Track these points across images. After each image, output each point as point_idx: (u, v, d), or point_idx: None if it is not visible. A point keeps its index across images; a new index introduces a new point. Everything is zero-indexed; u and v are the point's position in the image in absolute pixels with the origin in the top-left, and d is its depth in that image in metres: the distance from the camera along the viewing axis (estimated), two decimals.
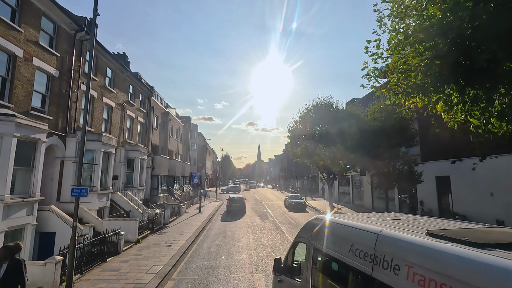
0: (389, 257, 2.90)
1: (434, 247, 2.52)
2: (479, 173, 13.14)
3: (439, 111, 7.13)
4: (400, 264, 2.74)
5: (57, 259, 7.40)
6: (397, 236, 2.99)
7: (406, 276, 2.64)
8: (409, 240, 2.82)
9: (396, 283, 2.73)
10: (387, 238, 3.08)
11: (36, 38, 10.92)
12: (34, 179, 9.89)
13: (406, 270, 2.65)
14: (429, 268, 2.42)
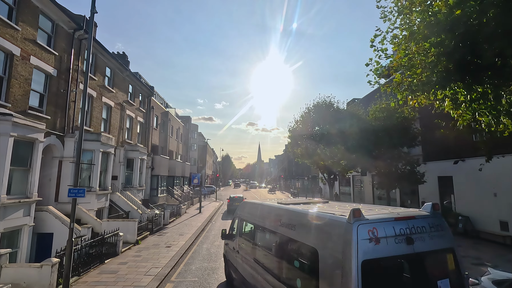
0: (266, 216, 5.98)
1: (278, 206, 5.77)
2: (482, 173, 12.93)
3: (446, 109, 6.98)
4: (272, 217, 5.63)
5: (53, 261, 7.24)
6: (267, 203, 6.38)
7: (276, 221, 5.36)
8: (268, 203, 6.31)
9: (268, 226, 5.68)
10: (266, 205, 6.34)
11: (33, 37, 10.78)
12: (31, 179, 9.75)
13: (275, 218, 5.42)
14: (282, 214, 5.25)
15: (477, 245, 12.27)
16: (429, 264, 3.68)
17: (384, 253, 3.34)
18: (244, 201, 8.13)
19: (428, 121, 16.68)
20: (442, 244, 3.80)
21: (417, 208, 4.90)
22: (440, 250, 3.77)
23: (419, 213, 4.06)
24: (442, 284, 3.53)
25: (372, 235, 3.36)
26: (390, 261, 3.36)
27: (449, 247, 3.88)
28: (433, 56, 5.24)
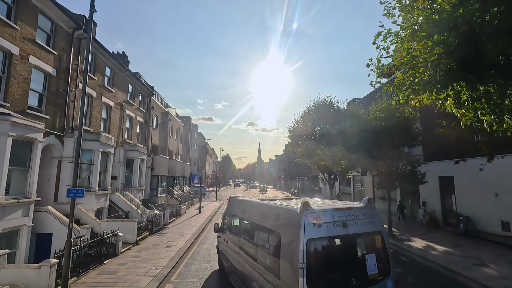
0: (248, 210, 7.13)
1: (260, 202, 6.67)
2: (483, 173, 12.89)
3: (448, 109, 6.92)
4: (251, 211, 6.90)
5: (52, 262, 7.18)
6: (255, 201, 7.10)
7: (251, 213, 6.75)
8: (256, 201, 7.02)
9: (249, 218, 6.81)
10: (249, 201, 7.56)
11: (32, 36, 10.72)
12: (30, 179, 9.70)
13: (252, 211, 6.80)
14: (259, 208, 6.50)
15: (478, 246, 12.21)
16: (360, 242, 4.89)
17: (324, 233, 4.54)
18: (233, 198, 9.01)
19: (429, 121, 16.62)
20: (372, 228, 4.97)
21: (417, 208, 5.98)
22: (370, 232, 4.94)
23: (356, 205, 5.28)
24: (369, 257, 4.76)
25: (316, 221, 4.55)
26: (328, 239, 4.62)
27: (378, 230, 5.03)
28: (436, 54, 5.18)
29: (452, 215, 15.47)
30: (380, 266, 4.76)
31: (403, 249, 12.14)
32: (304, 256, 4.28)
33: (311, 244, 4.40)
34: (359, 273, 4.58)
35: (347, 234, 4.66)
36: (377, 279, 4.64)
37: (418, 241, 13.15)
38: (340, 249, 4.72)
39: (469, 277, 8.70)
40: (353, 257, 4.75)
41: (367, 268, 4.63)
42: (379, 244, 4.97)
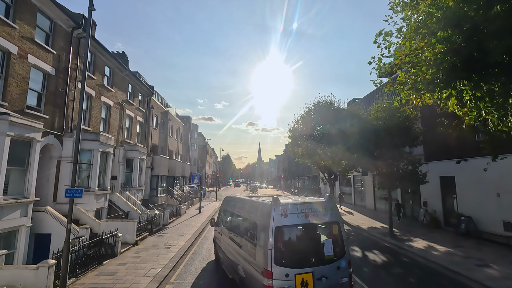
0: (236, 205, 8.16)
1: (245, 198, 8.14)
2: (485, 173, 12.80)
3: (450, 109, 6.84)
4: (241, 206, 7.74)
5: (50, 262, 7.11)
6: (243, 197, 8.37)
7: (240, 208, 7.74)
8: (243, 198, 8.32)
9: (237, 212, 7.83)
10: (238, 198, 8.70)
11: (31, 35, 10.65)
12: (28, 179, 9.62)
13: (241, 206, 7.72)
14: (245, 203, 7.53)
15: (480, 246, 12.13)
16: (319, 230, 6.10)
17: (289, 222, 5.64)
18: (227, 196, 10.08)
19: (430, 121, 16.54)
20: (330, 219, 6.04)
21: (418, 209, 8.02)
22: (328, 222, 6.05)
23: (317, 200, 6.42)
24: (326, 242, 5.80)
25: (282, 212, 5.61)
26: (293, 226, 5.73)
27: (335, 221, 6.09)
28: (439, 52, 5.10)
29: (453, 215, 15.39)
30: (336, 250, 5.83)
31: (404, 249, 12.07)
32: (273, 240, 5.39)
33: (279, 230, 5.52)
34: (317, 254, 5.66)
35: (308, 223, 5.80)
36: (333, 259, 5.71)
37: (419, 241, 13.07)
38: (302, 234, 5.84)
39: (471, 278, 8.62)
40: (312, 241, 5.85)
41: (324, 250, 5.72)
42: (336, 232, 6.07)
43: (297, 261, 5.47)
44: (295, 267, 5.37)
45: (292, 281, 5.27)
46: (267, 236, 5.44)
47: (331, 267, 5.63)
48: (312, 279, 5.39)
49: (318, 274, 5.47)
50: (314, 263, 5.52)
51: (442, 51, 5.02)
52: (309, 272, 5.42)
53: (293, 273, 5.31)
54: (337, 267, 5.69)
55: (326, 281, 5.48)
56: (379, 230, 16.05)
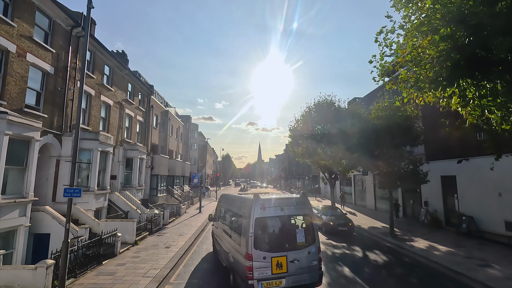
0: (228, 202, 9.50)
1: (236, 195, 9.38)
2: (486, 173, 12.74)
3: (453, 107, 6.76)
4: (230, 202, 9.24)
5: (48, 263, 7.04)
6: (233, 194, 9.91)
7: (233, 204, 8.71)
8: (233, 195, 9.83)
9: (229, 207, 8.96)
10: (230, 195, 10.11)
11: (30, 34, 10.57)
12: (27, 179, 9.55)
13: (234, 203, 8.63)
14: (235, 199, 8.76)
15: (482, 246, 12.06)
16: (293, 221, 7.38)
17: (267, 214, 6.78)
18: (222, 193, 11.25)
19: (431, 120, 16.47)
20: (303, 212, 7.26)
21: (419, 208, 9.70)
22: (301, 214, 7.28)
23: (292, 195, 7.79)
24: (298, 231, 7.00)
25: (262, 206, 6.75)
26: (270, 218, 6.84)
27: (307, 213, 7.31)
28: (443, 50, 5.02)
29: (455, 215, 15.32)
30: (308, 237, 6.96)
31: (405, 249, 12.00)
32: (253, 229, 6.53)
33: (258, 221, 6.64)
34: (291, 240, 6.80)
35: (283, 215, 6.96)
36: (304, 245, 6.84)
37: (421, 241, 13.00)
38: (278, 224, 6.96)
39: (473, 278, 8.56)
40: (287, 230, 6.98)
41: (297, 238, 6.86)
42: (307, 223, 7.29)
43: (274, 246, 6.64)
44: (271, 251, 6.53)
45: (269, 263, 6.44)
46: (248, 225, 6.57)
47: (302, 252, 6.75)
48: (285, 261, 6.55)
49: (291, 257, 6.60)
50: (288, 248, 6.66)
51: (446, 48, 4.94)
52: (283, 255, 6.57)
53: (269, 256, 6.48)
54: (308, 252, 6.79)
55: (298, 263, 6.62)
56: (379, 230, 15.98)
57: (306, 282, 6.68)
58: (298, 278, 6.60)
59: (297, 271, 6.60)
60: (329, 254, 11.49)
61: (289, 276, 6.54)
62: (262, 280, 6.38)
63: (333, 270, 9.51)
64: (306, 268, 6.69)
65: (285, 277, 6.51)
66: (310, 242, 6.91)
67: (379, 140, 14.16)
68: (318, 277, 6.85)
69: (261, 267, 6.38)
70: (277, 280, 6.47)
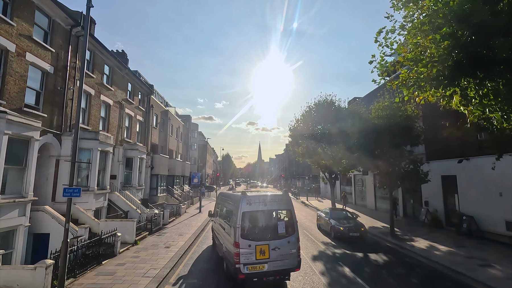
0: (223, 199, 10.40)
1: (229, 193, 10.39)
2: (487, 172, 12.74)
3: (453, 106, 6.72)
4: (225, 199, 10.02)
5: (47, 263, 7.01)
6: (228, 192, 10.93)
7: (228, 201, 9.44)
8: (227, 192, 10.99)
9: (224, 204, 9.95)
10: (225, 193, 11.22)
11: (29, 33, 10.54)
12: (26, 178, 9.52)
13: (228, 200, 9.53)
14: (229, 196, 9.67)
15: (482, 246, 12.03)
16: (275, 214, 8.58)
17: (252, 208, 7.80)
18: (220, 192, 12.36)
19: (431, 120, 16.44)
20: (284, 207, 8.33)
21: (419, 208, 12.28)
22: (282, 209, 8.46)
23: (274, 192, 8.80)
24: (279, 223, 7.96)
25: (248, 202, 7.78)
26: (255, 212, 7.88)
27: (288, 208, 8.28)
28: (444, 49, 4.98)
29: (455, 214, 15.28)
30: (288, 229, 7.93)
31: (406, 249, 11.97)
32: (240, 221, 7.58)
33: (244, 214, 7.72)
34: (273, 231, 7.82)
35: (267, 209, 8.06)
36: (284, 236, 7.80)
37: (421, 241, 12.97)
38: (262, 217, 8.04)
39: (473, 278, 8.53)
40: (270, 222, 8.13)
41: (278, 229, 7.85)
42: (288, 216, 8.33)
43: (258, 236, 7.68)
44: (255, 240, 7.54)
45: (253, 250, 7.43)
46: (237, 218, 7.61)
47: (283, 241, 7.69)
48: (268, 249, 7.53)
49: (272, 245, 7.56)
50: (270, 237, 7.67)
51: (447, 47, 4.91)
52: (266, 244, 7.55)
53: (254, 244, 7.47)
54: (287, 241, 7.73)
55: (278, 251, 7.57)
56: (380, 230, 15.95)
57: (285, 267, 7.61)
58: (278, 263, 7.55)
59: (278, 258, 7.54)
60: (329, 254, 11.47)
61: (271, 262, 7.49)
62: (247, 264, 7.35)
63: (333, 270, 9.48)
64: (286, 255, 7.62)
65: (267, 262, 7.47)
66: (290, 233, 7.88)
67: (380, 140, 14.12)
68: (296, 263, 7.74)
69: (247, 254, 7.38)
70: (260, 265, 7.43)
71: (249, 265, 7.35)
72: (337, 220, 14.52)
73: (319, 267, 9.73)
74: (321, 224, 16.29)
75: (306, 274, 9.10)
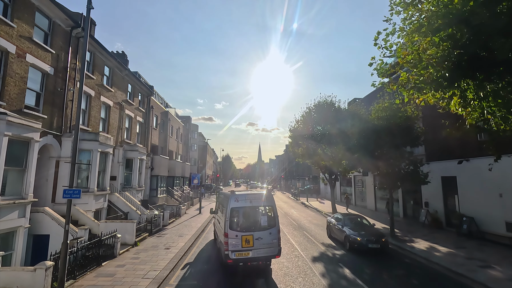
0: (222, 197, 11.37)
1: (224, 192, 11.86)
2: (487, 173, 12.69)
3: (452, 109, 6.72)
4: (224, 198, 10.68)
5: (47, 264, 7.00)
6: (224, 191, 12.22)
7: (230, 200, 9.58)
8: (224, 192, 12.37)
9: (221, 201, 11.19)
10: (222, 192, 12.73)
11: (29, 34, 10.56)
12: (26, 180, 9.53)
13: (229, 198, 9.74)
14: (225, 194, 10.58)
15: (483, 247, 12.02)
16: (259, 210, 9.54)
17: (239, 205, 9.13)
18: (219, 191, 13.51)
19: (431, 121, 16.44)
20: (266, 204, 9.53)
21: (419, 209, 14.79)
22: (265, 205, 9.55)
23: (259, 191, 10.63)
24: (262, 217, 9.26)
25: (236, 199, 9.15)
26: (241, 207, 9.19)
27: (270, 205, 9.53)
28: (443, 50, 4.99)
29: (455, 215, 15.27)
30: (270, 222, 9.21)
31: (406, 250, 11.96)
32: (229, 215, 8.95)
33: (233, 210, 9.10)
34: (257, 224, 9.21)
35: (251, 205, 9.38)
36: (267, 228, 9.10)
37: (421, 242, 12.96)
38: (247, 212, 9.39)
39: (474, 279, 8.52)
40: (254, 216, 9.44)
41: (261, 222, 9.24)
42: (270, 212, 9.54)
43: (244, 228, 9.04)
44: (241, 231, 8.87)
45: (240, 239, 8.74)
46: (226, 213, 9.00)
47: (265, 233, 8.97)
48: (252, 239, 8.81)
49: (256, 236, 8.85)
50: (254, 229, 9.01)
51: (446, 49, 4.92)
52: (250, 234, 8.84)
53: (240, 235, 8.79)
54: (269, 233, 9.02)
55: (261, 240, 8.84)
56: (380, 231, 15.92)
57: (267, 255, 8.86)
58: (261, 251, 8.80)
59: (260, 246, 8.80)
60: (329, 256, 11.46)
61: (255, 250, 8.76)
62: (235, 251, 8.66)
63: (333, 271, 9.47)
64: (268, 244, 8.87)
65: (251, 250, 8.75)
66: (271, 226, 9.18)
67: (380, 141, 14.12)
68: (277, 251, 9.00)
69: (234, 242, 8.69)
70: (246, 252, 8.73)
71: (236, 252, 8.66)
72: (353, 229, 12.65)
73: (319, 269, 9.72)
74: (332, 232, 14.49)
75: (306, 275, 9.09)
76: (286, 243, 13.38)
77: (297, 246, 12.85)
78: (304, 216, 22.62)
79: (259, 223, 9.18)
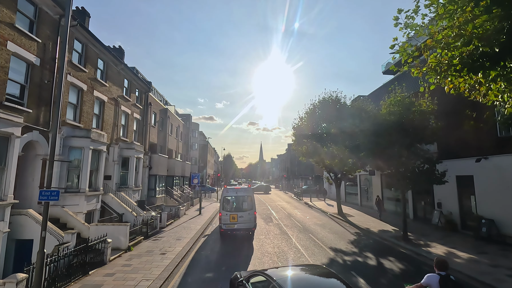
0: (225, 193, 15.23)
1: (228, 188, 16.09)
2: (508, 172, 11.74)
3: (490, 97, 5.75)
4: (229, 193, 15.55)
5: (18, 277, 6.08)
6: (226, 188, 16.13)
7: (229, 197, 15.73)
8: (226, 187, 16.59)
9: (224, 197, 15.48)
10: (225, 188, 15.70)
11: (11, 20, 9.64)
12: (6, 179, 8.62)
13: None
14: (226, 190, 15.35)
15: (506, 252, 11.02)
16: (242, 199, 14.93)
17: (229, 195, 14.79)
18: (224, 188, 15.32)
19: (444, 116, 15.41)
20: (248, 194, 14.92)
21: (432, 210, 17.22)
22: (247, 195, 14.90)
23: (243, 187, 15.74)
24: (244, 202, 14.83)
25: (226, 192, 14.81)
26: (230, 196, 14.81)
27: (250, 195, 14.84)
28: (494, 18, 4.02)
29: (472, 217, 14.28)
30: (249, 206, 14.37)
31: (422, 256, 10.99)
32: (222, 201, 14.34)
33: (224, 198, 14.45)
34: (240, 207, 14.51)
35: (237, 195, 14.70)
36: (247, 210, 14.21)
37: (438, 247, 11.99)
38: (234, 199, 14.75)
39: None
40: (238, 203, 14.70)
41: (243, 206, 14.50)
42: (250, 200, 14.61)
43: (231, 209, 14.24)
44: (229, 211, 13.93)
45: (228, 217, 13.70)
46: (221, 200, 14.25)
47: (245, 213, 13.96)
48: (236, 216, 13.72)
49: (240, 215, 13.79)
50: (238, 210, 14.17)
51: (500, 15, 3.94)
52: (235, 214, 13.82)
53: (229, 214, 13.79)
54: (248, 213, 13.96)
55: (243, 218, 13.76)
56: (391, 234, 14.97)
57: (247, 227, 13.88)
58: (242, 225, 13.77)
59: (242, 222, 13.75)
60: (340, 262, 10.51)
61: (238, 224, 13.71)
62: (225, 224, 13.70)
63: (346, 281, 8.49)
64: (247, 220, 13.83)
65: (236, 224, 13.69)
66: (250, 208, 14.23)
67: (391, 137, 13.13)
68: (253, 225, 14.07)
69: (225, 218, 13.76)
70: (232, 225, 13.68)
71: (226, 224, 13.71)
72: None
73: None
74: None
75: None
76: (292, 247, 12.43)
77: (304, 251, 11.88)
78: (308, 218, 21.63)
79: (242, 206, 14.50)
